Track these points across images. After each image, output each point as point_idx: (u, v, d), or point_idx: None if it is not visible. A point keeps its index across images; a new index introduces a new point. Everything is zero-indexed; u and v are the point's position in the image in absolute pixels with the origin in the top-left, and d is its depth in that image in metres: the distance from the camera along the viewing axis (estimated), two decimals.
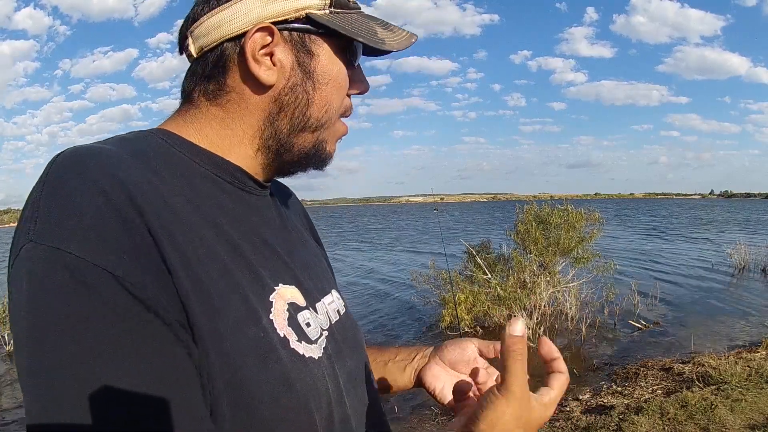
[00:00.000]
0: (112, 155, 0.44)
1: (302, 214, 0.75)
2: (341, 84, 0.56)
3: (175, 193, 0.46)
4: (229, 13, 0.52)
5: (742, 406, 3.36)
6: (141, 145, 0.49)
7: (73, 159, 0.42)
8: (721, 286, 9.28)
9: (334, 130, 0.59)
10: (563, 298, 6.54)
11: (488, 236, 8.28)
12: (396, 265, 13.37)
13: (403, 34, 0.59)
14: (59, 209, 0.39)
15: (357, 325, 0.67)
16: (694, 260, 12.45)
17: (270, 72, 0.52)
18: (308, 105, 0.55)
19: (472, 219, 41.88)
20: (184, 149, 0.52)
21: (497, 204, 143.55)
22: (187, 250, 0.43)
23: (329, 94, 0.55)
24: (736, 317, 6.94)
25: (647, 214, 43.01)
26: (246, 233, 0.52)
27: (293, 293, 0.53)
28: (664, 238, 19.31)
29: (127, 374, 0.37)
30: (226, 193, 0.53)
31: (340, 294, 0.67)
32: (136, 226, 0.39)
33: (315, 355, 0.51)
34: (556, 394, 0.54)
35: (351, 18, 0.55)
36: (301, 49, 0.54)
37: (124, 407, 0.37)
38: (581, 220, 6.47)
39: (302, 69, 0.54)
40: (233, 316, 0.45)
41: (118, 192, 0.40)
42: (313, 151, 0.58)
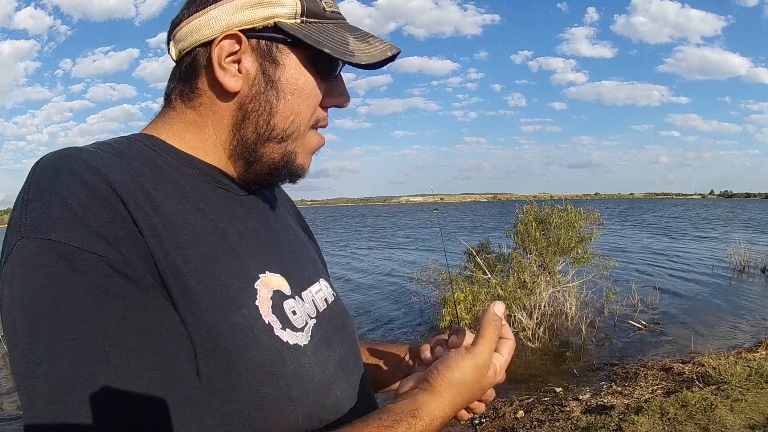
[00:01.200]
0: (94, 153, 0.46)
1: (291, 206, 0.76)
2: (309, 95, 0.55)
3: (157, 187, 0.48)
4: (204, 19, 0.53)
5: (742, 406, 3.36)
6: (122, 148, 0.51)
7: (55, 159, 0.44)
8: (721, 286, 9.27)
9: (304, 142, 0.57)
10: (563, 298, 6.54)
11: (488, 236, 8.28)
12: (403, 263, 13.36)
13: (380, 46, 0.56)
14: (46, 204, 0.40)
15: (347, 314, 0.67)
16: (695, 260, 12.45)
17: (235, 79, 0.53)
18: (271, 114, 0.54)
19: (473, 219, 41.86)
20: (164, 152, 0.54)
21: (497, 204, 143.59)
22: (165, 237, 0.44)
23: (295, 104, 0.54)
24: (736, 317, 6.94)
25: (649, 214, 43.02)
26: (231, 222, 0.54)
27: (279, 281, 0.54)
28: (673, 237, 19.31)
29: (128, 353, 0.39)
30: (207, 188, 0.55)
31: (329, 283, 0.67)
32: (119, 212, 0.42)
33: (301, 342, 0.52)
34: (505, 360, 0.56)
35: (322, 28, 0.54)
36: (267, 58, 0.53)
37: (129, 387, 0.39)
38: (581, 220, 6.47)
39: (266, 78, 0.53)
40: (213, 302, 0.46)
41: (100, 183, 0.42)
42: (282, 163, 0.57)
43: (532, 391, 4.60)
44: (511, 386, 4.81)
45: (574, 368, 5.12)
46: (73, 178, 0.41)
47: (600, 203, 49.77)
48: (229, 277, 0.48)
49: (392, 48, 0.57)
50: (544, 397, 4.39)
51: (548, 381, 4.82)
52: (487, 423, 3.81)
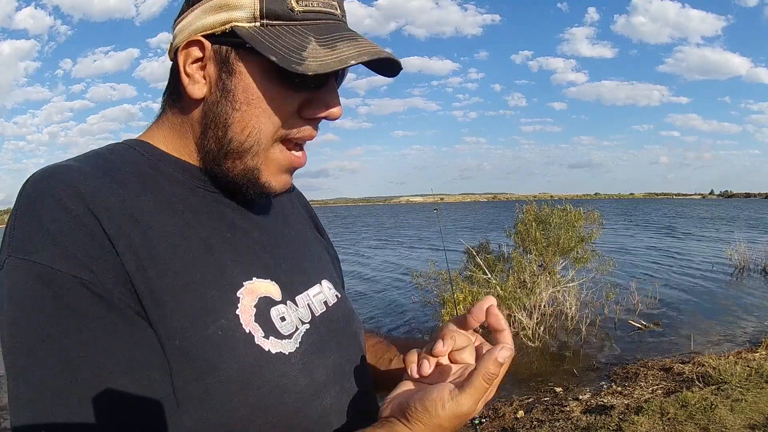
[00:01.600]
0: (76, 171, 0.47)
1: (300, 205, 0.75)
2: (268, 106, 0.51)
3: (140, 198, 0.48)
4: (182, 24, 0.53)
5: (742, 406, 3.36)
6: (111, 158, 0.52)
7: (41, 181, 0.46)
8: (721, 286, 9.27)
9: (268, 158, 0.53)
10: (563, 298, 6.54)
11: (488, 236, 8.28)
12: (403, 263, 13.36)
13: (348, 52, 0.49)
14: (30, 226, 0.43)
15: (351, 316, 0.66)
16: (696, 260, 12.45)
17: (198, 86, 0.52)
18: (227, 126, 0.51)
19: (473, 219, 41.86)
20: (156, 158, 0.54)
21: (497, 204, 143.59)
22: (142, 253, 0.45)
23: (252, 116, 0.51)
24: (736, 317, 6.94)
25: (650, 214, 43.05)
26: (217, 229, 0.53)
27: (267, 287, 0.53)
28: (673, 237, 19.30)
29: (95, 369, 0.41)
30: (197, 195, 0.54)
31: (334, 284, 0.66)
32: (96, 235, 0.43)
33: (286, 350, 0.51)
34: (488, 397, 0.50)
35: (282, 31, 0.49)
36: (224, 66, 0.51)
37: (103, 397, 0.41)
38: (580, 220, 6.47)
39: (221, 86, 0.51)
40: (188, 314, 0.46)
41: (79, 206, 0.44)
42: (244, 180, 0.53)
43: (532, 391, 4.59)
44: (511, 386, 4.81)
45: (574, 368, 5.12)
46: (54, 201, 0.44)
47: (600, 203, 49.79)
48: (207, 287, 0.48)
49: (368, 54, 0.49)
50: (544, 397, 4.39)
51: (548, 381, 4.82)
52: (487, 423, 3.81)
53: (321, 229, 0.77)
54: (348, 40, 0.50)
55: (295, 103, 0.52)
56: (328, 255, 0.74)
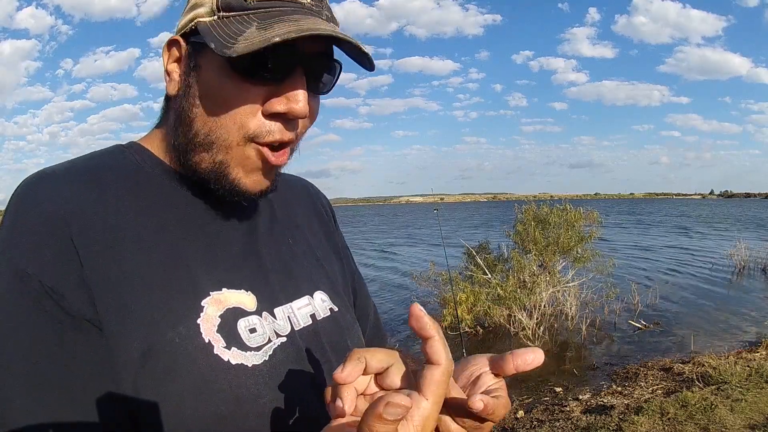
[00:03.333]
0: (58, 177, 0.50)
1: (313, 214, 0.73)
2: (226, 100, 0.49)
3: (116, 205, 0.50)
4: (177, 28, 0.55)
5: (742, 406, 3.36)
6: (101, 162, 0.54)
7: (25, 189, 0.49)
8: (721, 286, 9.27)
9: (237, 155, 0.51)
10: (563, 298, 6.54)
11: (488, 236, 8.28)
12: (404, 263, 13.36)
13: (281, 30, 0.46)
14: (11, 231, 0.47)
15: (349, 330, 0.63)
16: (696, 259, 12.45)
17: (171, 84, 0.54)
18: (191, 121, 0.51)
19: (473, 219, 41.86)
20: (143, 160, 0.55)
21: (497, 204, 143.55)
22: (108, 258, 0.47)
23: (213, 111, 0.50)
24: (736, 317, 6.94)
25: (650, 213, 43.04)
26: (194, 236, 0.53)
27: (239, 298, 0.53)
28: (673, 236, 19.29)
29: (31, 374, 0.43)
30: (179, 200, 0.54)
31: (330, 297, 0.63)
32: (61, 239, 0.46)
33: (249, 362, 0.50)
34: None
35: (234, 20, 0.48)
36: (191, 62, 0.52)
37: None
38: (580, 219, 6.48)
39: (187, 82, 0.52)
40: (149, 319, 0.46)
41: (50, 211, 0.47)
42: (212, 176, 0.52)
43: (532, 391, 4.59)
44: (511, 386, 4.81)
45: (574, 368, 5.12)
46: (32, 210, 0.47)
47: (600, 203, 49.74)
48: (172, 293, 0.48)
49: (298, 30, 0.45)
50: (544, 397, 4.40)
51: (548, 381, 4.82)
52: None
53: (338, 238, 0.74)
54: (290, 21, 0.47)
55: (257, 98, 0.49)
56: (338, 267, 0.70)
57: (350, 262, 0.76)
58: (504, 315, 6.13)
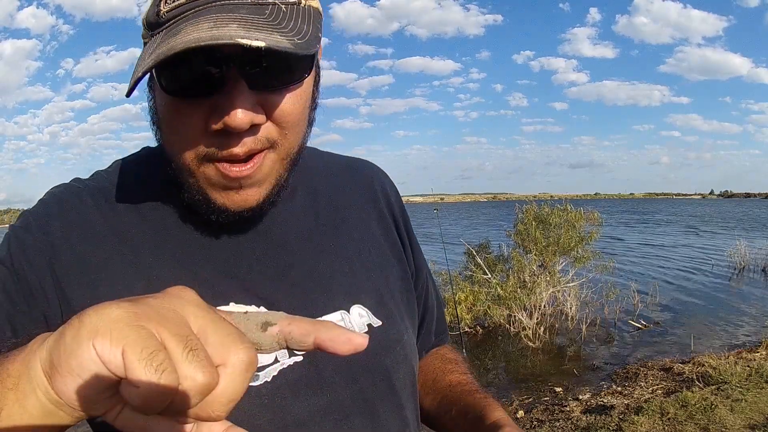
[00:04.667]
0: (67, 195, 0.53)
1: (370, 207, 0.65)
2: (173, 123, 0.46)
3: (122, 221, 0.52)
4: None
5: (742, 406, 3.36)
6: (123, 179, 0.55)
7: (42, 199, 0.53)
8: (721, 286, 9.28)
9: (201, 176, 0.47)
10: (563, 298, 6.54)
11: (488, 235, 8.28)
12: None
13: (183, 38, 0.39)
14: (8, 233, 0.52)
15: (389, 347, 0.57)
16: (696, 259, 12.45)
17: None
18: (165, 146, 0.50)
19: (473, 219, 41.85)
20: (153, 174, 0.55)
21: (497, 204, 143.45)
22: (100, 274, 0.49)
23: (166, 135, 0.49)
24: (737, 317, 6.94)
25: (651, 213, 43.02)
26: (196, 254, 0.52)
27: None
28: (674, 236, 19.28)
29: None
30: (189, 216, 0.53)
31: (373, 310, 0.57)
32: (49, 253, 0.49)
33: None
34: None
35: (152, 41, 0.45)
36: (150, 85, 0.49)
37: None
38: (580, 220, 6.48)
39: (151, 108, 0.50)
40: None
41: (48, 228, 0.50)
42: (198, 197, 0.49)
43: (532, 391, 4.60)
44: (511, 386, 4.82)
45: (574, 368, 5.12)
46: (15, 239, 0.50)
47: (600, 203, 49.74)
48: None
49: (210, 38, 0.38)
50: (544, 397, 4.40)
51: (548, 381, 4.83)
52: None
53: (402, 235, 0.67)
54: (177, 35, 0.41)
55: (199, 116, 0.44)
56: (395, 271, 0.64)
57: (417, 260, 0.69)
58: (504, 315, 6.13)
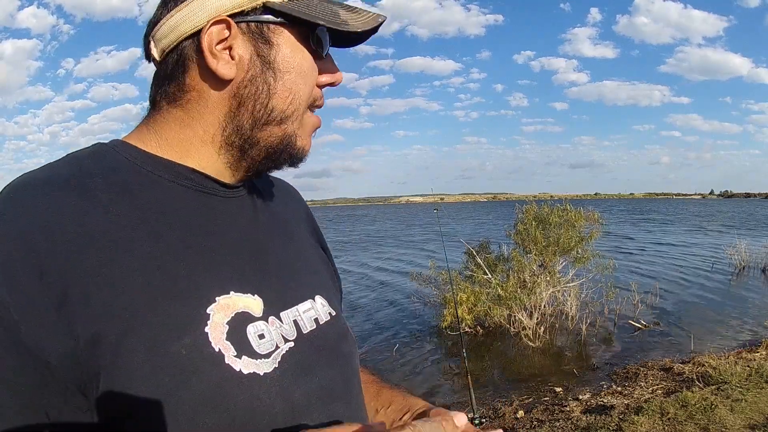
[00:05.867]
0: (39, 189, 0.46)
1: (302, 216, 0.72)
2: (306, 72, 0.55)
3: (106, 213, 0.46)
4: (187, 11, 0.51)
5: (742, 406, 3.36)
6: (88, 164, 0.50)
7: (3, 198, 0.45)
8: (721, 286, 9.28)
9: (303, 122, 0.57)
10: (563, 298, 6.54)
11: (488, 235, 8.29)
12: (404, 262, 13.36)
13: (367, 15, 0.57)
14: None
15: (345, 336, 0.62)
16: (696, 259, 12.45)
17: (229, 66, 0.51)
18: (270, 96, 0.53)
19: (473, 218, 41.87)
20: (137, 159, 0.52)
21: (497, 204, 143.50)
22: (98, 277, 0.43)
23: (293, 83, 0.54)
24: (736, 317, 6.94)
25: (651, 213, 43.04)
26: (195, 241, 0.50)
27: (246, 302, 0.50)
28: (674, 236, 19.28)
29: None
30: (180, 198, 0.52)
31: (328, 301, 0.62)
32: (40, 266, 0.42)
33: (261, 370, 0.48)
34: None
35: (310, 3, 0.53)
36: (260, 40, 0.52)
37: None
38: (580, 220, 6.48)
39: (261, 60, 0.52)
40: (148, 333, 0.43)
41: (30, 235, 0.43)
42: (281, 147, 0.55)
43: (532, 391, 4.60)
44: (511, 386, 4.82)
45: (574, 368, 5.12)
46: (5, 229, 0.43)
47: (600, 203, 49.77)
48: (173, 302, 0.45)
49: (379, 16, 0.57)
50: (544, 397, 4.40)
51: (548, 381, 4.83)
52: (487, 423, 3.81)
53: (323, 241, 0.74)
54: (357, 8, 0.57)
55: (316, 71, 0.56)
56: (328, 270, 0.70)
57: (334, 265, 0.75)
58: (504, 315, 6.13)
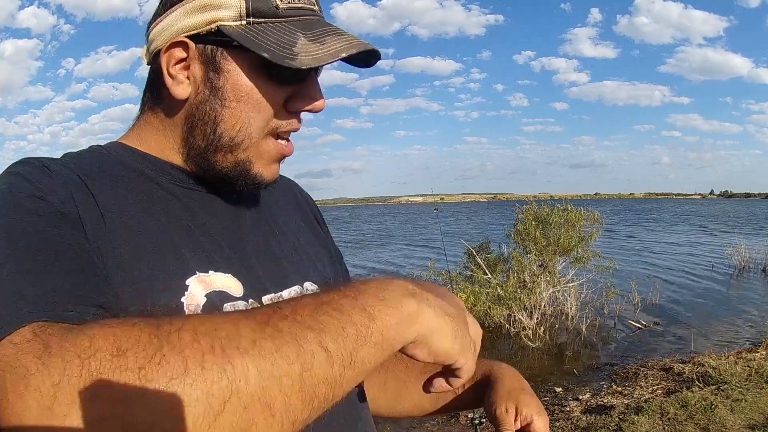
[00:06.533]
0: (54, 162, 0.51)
1: (297, 204, 0.73)
2: (258, 101, 0.52)
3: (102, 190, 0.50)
4: (163, 24, 0.53)
5: (742, 406, 3.36)
6: (84, 157, 0.54)
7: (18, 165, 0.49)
8: (721, 286, 9.28)
9: (259, 150, 0.55)
10: (563, 298, 6.54)
11: (488, 235, 8.28)
12: (404, 262, 13.35)
13: (336, 46, 0.51)
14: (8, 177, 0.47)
15: None
16: (696, 259, 12.45)
17: (182, 87, 0.53)
18: (216, 122, 0.53)
19: (473, 218, 41.87)
20: (128, 157, 0.55)
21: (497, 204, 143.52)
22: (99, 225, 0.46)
23: (242, 112, 0.52)
24: (736, 317, 6.94)
25: (652, 213, 43.05)
26: (179, 220, 0.53)
27: (226, 281, 0.52)
28: (674, 236, 19.29)
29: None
30: (164, 189, 0.54)
31: (320, 288, 0.63)
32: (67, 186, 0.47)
33: None
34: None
35: (269, 28, 0.51)
36: (210, 65, 0.52)
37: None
38: (581, 220, 6.48)
39: (209, 85, 0.52)
40: (136, 281, 0.45)
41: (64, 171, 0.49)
42: (236, 173, 0.55)
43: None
44: None
45: (574, 368, 5.12)
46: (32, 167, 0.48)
47: (600, 203, 49.78)
48: (157, 268, 0.47)
49: (355, 46, 0.52)
50: (544, 397, 4.40)
51: (548, 381, 4.83)
52: (487, 423, 3.81)
53: (324, 229, 0.75)
54: (333, 34, 0.53)
55: (282, 97, 0.54)
56: (328, 258, 0.71)
57: (343, 263, 0.75)
58: (504, 315, 6.13)
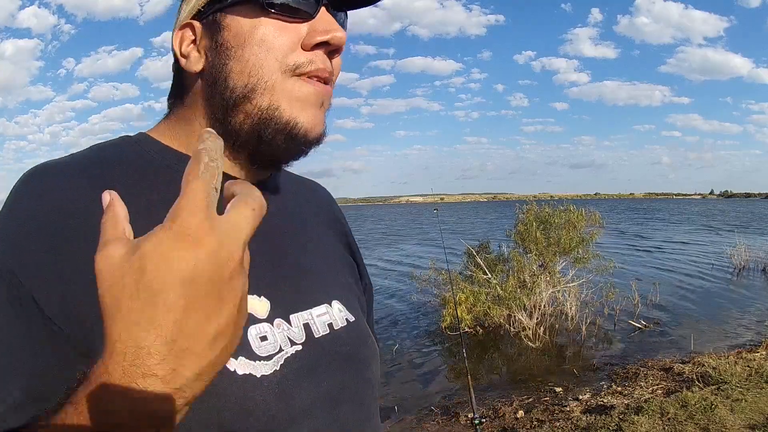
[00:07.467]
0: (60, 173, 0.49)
1: (328, 218, 0.71)
2: (265, 39, 0.51)
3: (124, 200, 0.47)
4: (178, 19, 0.56)
5: (742, 406, 3.36)
6: (109, 154, 0.53)
7: (22, 184, 0.48)
8: (721, 286, 9.28)
9: (284, 91, 0.51)
10: (563, 298, 6.54)
11: (488, 236, 8.28)
12: (403, 263, 13.35)
13: None
14: (3, 227, 0.46)
15: (362, 342, 0.61)
16: (696, 259, 12.45)
17: (193, 61, 0.54)
18: (227, 76, 0.52)
19: (474, 218, 41.87)
20: (157, 152, 0.54)
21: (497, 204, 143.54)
22: None
23: (249, 54, 0.51)
24: (737, 317, 6.94)
25: (652, 213, 43.06)
26: None
27: (251, 304, 0.50)
28: (674, 236, 19.29)
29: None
30: None
31: (347, 306, 0.61)
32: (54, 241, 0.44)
33: (258, 372, 0.48)
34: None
35: None
36: (214, 29, 0.53)
37: None
38: (582, 220, 6.48)
39: (215, 45, 0.53)
40: None
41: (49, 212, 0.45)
42: (264, 125, 0.51)
43: (532, 391, 4.60)
44: (511, 386, 4.82)
45: (574, 368, 5.12)
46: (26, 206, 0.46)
47: (601, 203, 49.76)
48: None
49: None
50: (544, 397, 4.40)
51: (548, 381, 4.83)
52: (488, 423, 3.82)
53: (353, 245, 0.73)
54: None
55: (295, 35, 0.51)
56: (352, 275, 0.69)
57: (364, 272, 0.74)
58: (504, 315, 6.14)
